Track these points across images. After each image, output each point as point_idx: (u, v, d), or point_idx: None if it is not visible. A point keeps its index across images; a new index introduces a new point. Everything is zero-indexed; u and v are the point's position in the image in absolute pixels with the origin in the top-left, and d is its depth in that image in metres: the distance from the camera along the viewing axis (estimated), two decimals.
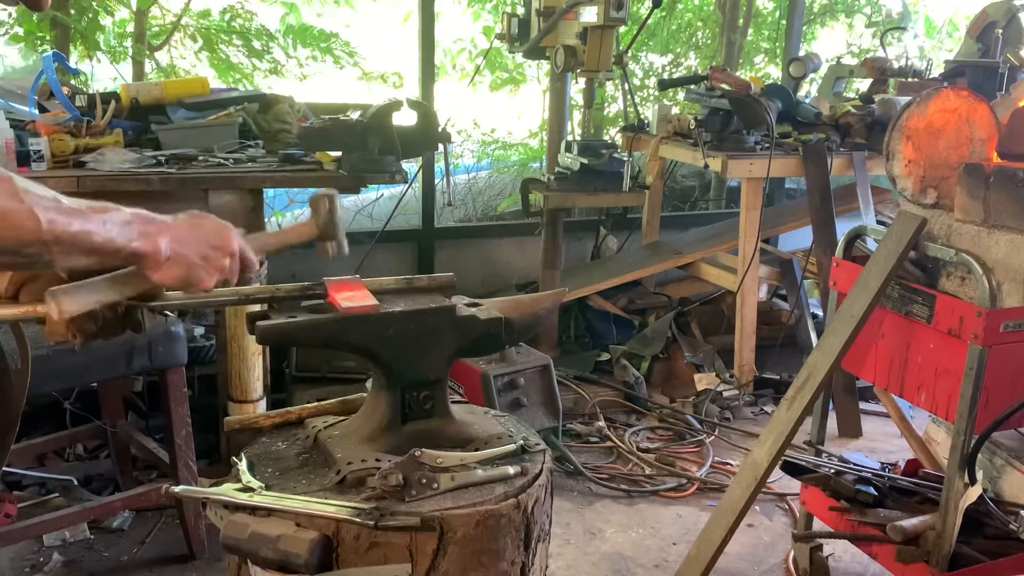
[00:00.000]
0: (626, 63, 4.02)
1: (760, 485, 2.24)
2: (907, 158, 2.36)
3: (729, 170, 3.67)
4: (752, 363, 3.92)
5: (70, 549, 2.66)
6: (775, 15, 6.79)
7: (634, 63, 6.50)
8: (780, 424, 2.27)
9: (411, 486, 1.29)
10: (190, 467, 2.54)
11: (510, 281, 4.48)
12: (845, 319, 2.25)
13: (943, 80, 4.01)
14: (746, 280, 3.81)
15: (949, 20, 7.39)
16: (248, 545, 1.20)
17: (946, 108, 2.35)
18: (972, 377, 2.04)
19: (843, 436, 3.62)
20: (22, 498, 2.83)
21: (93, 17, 4.81)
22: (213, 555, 2.62)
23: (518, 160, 5.98)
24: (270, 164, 2.78)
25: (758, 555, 2.78)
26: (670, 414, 3.70)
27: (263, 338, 1.32)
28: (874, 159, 3.91)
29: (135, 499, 2.54)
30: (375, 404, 1.46)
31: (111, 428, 2.85)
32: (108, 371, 2.40)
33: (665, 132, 4.08)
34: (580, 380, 3.91)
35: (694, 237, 4.52)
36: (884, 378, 2.35)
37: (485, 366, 3.11)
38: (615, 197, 3.91)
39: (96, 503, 2.52)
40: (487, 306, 1.51)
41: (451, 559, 1.25)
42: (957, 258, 2.14)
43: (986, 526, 2.30)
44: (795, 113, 3.99)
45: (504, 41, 3.86)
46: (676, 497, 3.10)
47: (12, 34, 4.71)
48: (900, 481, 2.45)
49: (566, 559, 2.72)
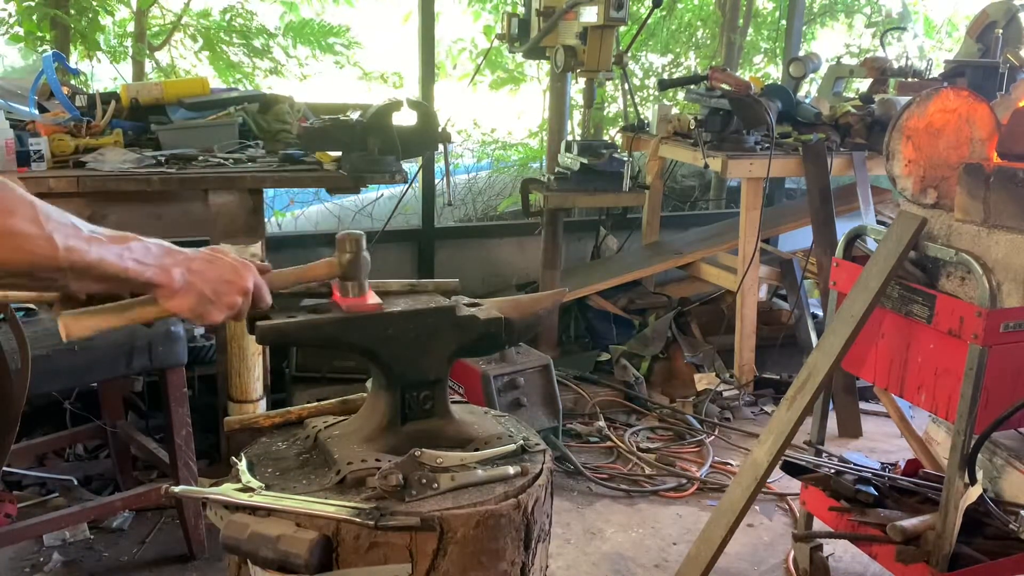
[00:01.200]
0: (626, 63, 4.02)
1: (760, 485, 2.24)
2: (907, 158, 2.36)
3: (729, 170, 3.67)
4: (752, 363, 3.92)
5: (70, 549, 2.66)
6: (775, 15, 6.79)
7: (634, 63, 6.51)
8: (780, 424, 2.27)
9: (411, 486, 1.29)
10: (190, 467, 2.54)
11: (510, 281, 4.48)
12: (845, 319, 2.25)
13: (943, 80, 4.01)
14: (746, 280, 3.81)
15: (949, 20, 7.39)
16: (248, 545, 1.20)
17: (946, 108, 2.35)
18: (972, 377, 2.04)
19: (843, 436, 3.62)
20: (22, 498, 2.83)
21: (93, 17, 4.81)
22: (213, 555, 2.62)
23: (518, 160, 5.98)
24: (270, 164, 2.78)
25: (758, 555, 2.79)
26: (670, 414, 3.70)
27: (263, 338, 1.32)
28: (874, 159, 3.91)
29: (135, 499, 2.54)
30: (375, 404, 1.46)
31: (111, 428, 2.85)
32: (108, 371, 2.39)
33: (665, 132, 4.08)
34: (580, 380, 3.91)
35: (694, 237, 4.52)
36: (884, 378, 2.35)
37: (485, 366, 3.11)
38: (615, 197, 3.91)
39: (96, 503, 2.51)
40: (487, 306, 1.50)
41: (451, 559, 1.25)
42: (957, 258, 2.13)
43: (986, 526, 2.30)
44: (795, 113, 3.99)
45: (504, 41, 3.86)
46: (676, 497, 3.10)
47: (12, 34, 4.71)
48: (900, 481, 2.45)
49: (566, 559, 2.72)
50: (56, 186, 2.55)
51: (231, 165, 2.74)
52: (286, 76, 5.45)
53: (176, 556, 2.64)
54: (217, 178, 2.66)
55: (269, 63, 5.38)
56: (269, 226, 3.99)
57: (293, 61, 5.48)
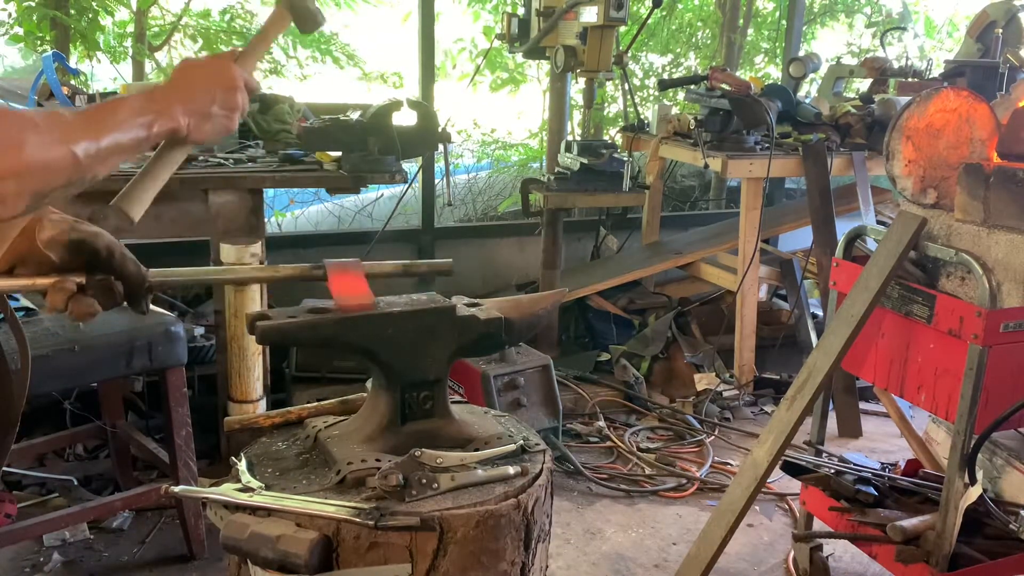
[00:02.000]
0: (626, 63, 4.02)
1: (760, 485, 2.24)
2: (907, 158, 2.36)
3: (729, 170, 3.67)
4: (752, 363, 3.92)
5: (70, 549, 2.66)
6: (775, 15, 6.80)
7: (634, 63, 6.52)
8: (780, 424, 2.27)
9: (411, 486, 1.28)
10: (190, 467, 2.54)
11: (510, 281, 4.48)
12: (845, 319, 2.25)
13: (943, 80, 4.01)
14: (746, 280, 3.81)
15: (949, 20, 7.40)
16: (248, 545, 1.20)
17: (946, 108, 2.35)
18: (972, 377, 2.04)
19: (843, 436, 3.62)
20: (22, 498, 2.83)
21: (93, 17, 4.82)
22: (213, 555, 2.62)
23: (518, 160, 5.99)
24: (270, 164, 2.78)
25: (758, 555, 2.79)
26: (670, 414, 3.70)
27: (263, 338, 1.32)
28: (874, 159, 3.91)
29: (135, 499, 2.54)
30: (375, 404, 1.46)
31: (111, 428, 2.85)
32: (108, 371, 2.37)
33: (665, 132, 4.08)
34: (580, 380, 3.91)
35: (694, 237, 4.52)
36: (884, 378, 2.35)
37: (485, 366, 3.11)
38: (615, 197, 3.92)
39: (96, 503, 2.51)
40: (487, 306, 1.50)
41: (451, 559, 1.25)
42: (957, 258, 2.13)
43: (986, 526, 2.30)
44: (795, 113, 3.99)
45: (504, 41, 3.87)
46: (676, 497, 3.10)
47: (12, 34, 4.71)
48: (900, 481, 2.45)
49: (566, 559, 2.72)
50: None
51: (231, 165, 2.74)
52: (286, 76, 5.46)
53: (176, 556, 2.64)
54: (217, 178, 2.66)
55: (269, 63, 5.38)
56: (269, 226, 3.99)
57: (293, 62, 5.49)
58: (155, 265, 1.27)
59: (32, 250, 1.19)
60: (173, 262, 1.33)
